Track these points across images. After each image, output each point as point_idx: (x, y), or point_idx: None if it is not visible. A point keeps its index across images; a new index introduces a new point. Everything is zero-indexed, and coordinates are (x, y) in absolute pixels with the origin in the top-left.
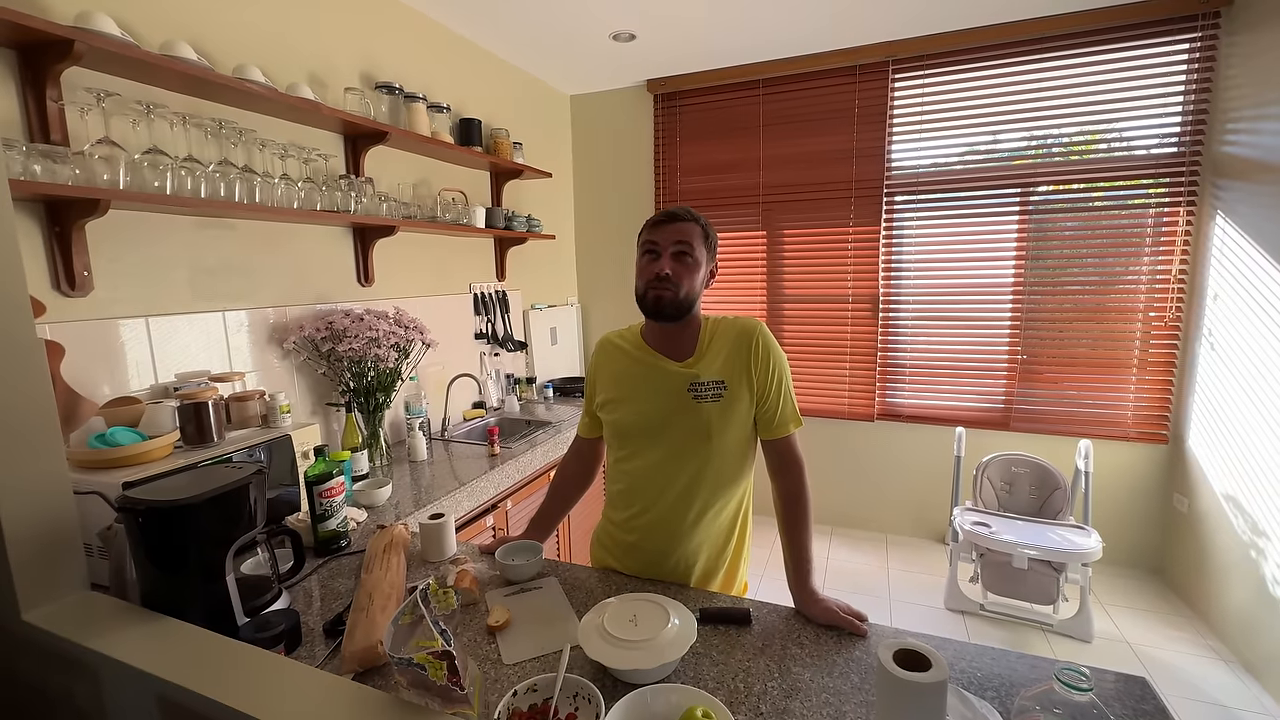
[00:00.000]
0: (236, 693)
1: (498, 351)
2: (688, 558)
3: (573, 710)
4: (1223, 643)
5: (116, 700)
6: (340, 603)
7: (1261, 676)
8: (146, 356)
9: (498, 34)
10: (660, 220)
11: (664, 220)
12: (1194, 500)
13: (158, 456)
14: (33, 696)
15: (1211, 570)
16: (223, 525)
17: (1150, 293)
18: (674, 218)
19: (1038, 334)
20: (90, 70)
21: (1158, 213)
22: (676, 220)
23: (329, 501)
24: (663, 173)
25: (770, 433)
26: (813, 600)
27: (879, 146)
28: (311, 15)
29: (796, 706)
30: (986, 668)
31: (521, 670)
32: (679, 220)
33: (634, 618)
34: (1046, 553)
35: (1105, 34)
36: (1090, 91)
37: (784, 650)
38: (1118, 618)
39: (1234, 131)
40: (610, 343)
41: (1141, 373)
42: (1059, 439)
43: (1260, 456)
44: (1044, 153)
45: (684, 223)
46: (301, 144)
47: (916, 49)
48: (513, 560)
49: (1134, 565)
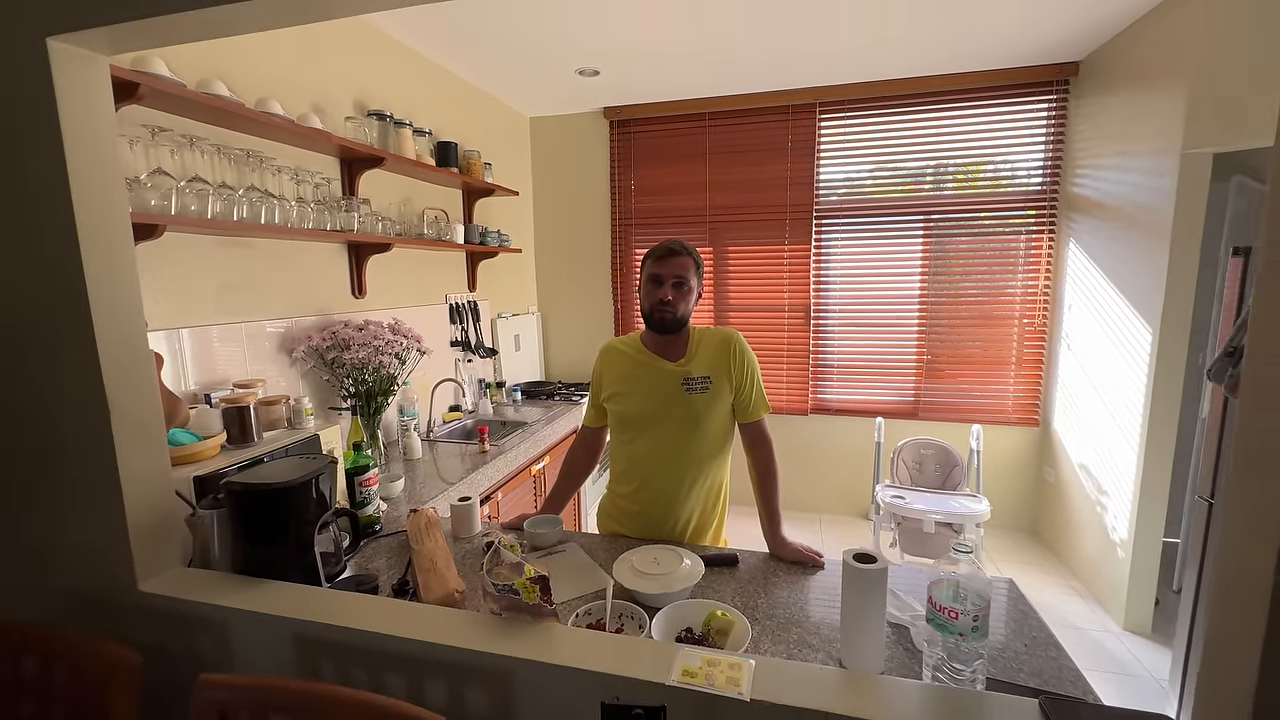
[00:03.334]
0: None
1: (471, 358)
2: (683, 520)
3: (619, 626)
4: (1080, 582)
5: (247, 648)
6: (392, 573)
7: (1106, 605)
8: (179, 365)
9: (474, 64)
10: (663, 255)
11: (666, 255)
12: (1058, 471)
13: (209, 455)
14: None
15: (1071, 525)
16: (309, 505)
17: (1023, 302)
18: (674, 253)
19: (939, 337)
20: (144, 108)
21: (1029, 237)
22: (676, 255)
23: (367, 490)
24: (618, 192)
25: (746, 417)
26: (783, 544)
27: (809, 175)
28: (315, 51)
29: (779, 611)
30: (909, 579)
31: (568, 608)
32: (678, 255)
33: (656, 559)
34: (949, 516)
35: (988, 91)
36: (977, 135)
37: (766, 580)
38: (1003, 567)
39: (1081, 174)
40: (614, 348)
41: (1018, 369)
42: (957, 424)
43: (1101, 433)
44: (941, 184)
45: (681, 257)
46: (306, 168)
47: (840, 94)
48: (539, 530)
49: (1015, 527)
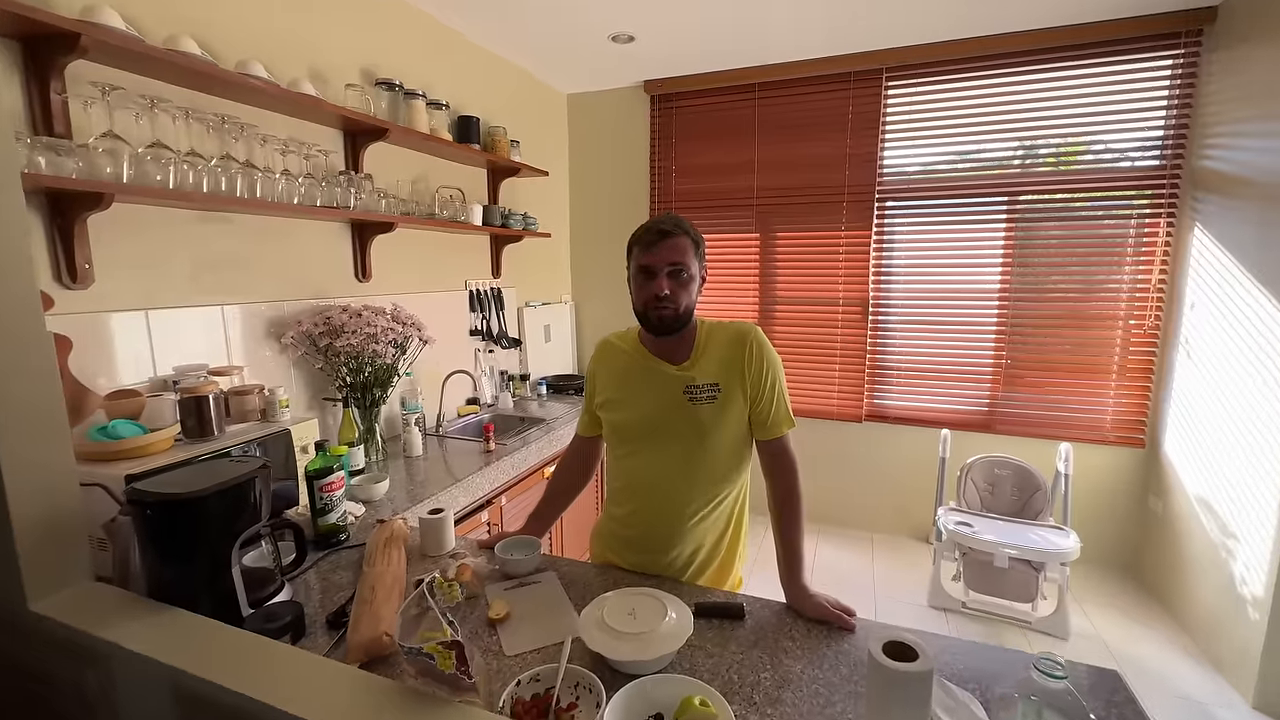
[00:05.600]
0: (251, 682)
1: (492, 348)
2: (685, 553)
3: (574, 699)
4: (1192, 640)
5: (128, 690)
6: (342, 595)
7: (1227, 672)
8: (146, 349)
9: (497, 31)
10: (652, 240)
11: (655, 239)
12: (1168, 502)
13: (159, 450)
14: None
15: (1183, 570)
16: (229, 518)
17: (1130, 301)
18: (665, 234)
19: (1022, 339)
20: (95, 64)
21: (1139, 223)
22: (669, 237)
23: (329, 496)
24: (658, 174)
25: (764, 433)
26: (804, 596)
27: (871, 152)
28: (314, 11)
29: (789, 696)
30: (968, 661)
31: (523, 661)
32: (671, 236)
33: (633, 611)
34: (1027, 552)
35: (1093, 48)
36: (1077, 103)
37: (776, 644)
38: (1094, 615)
39: (1213, 146)
40: (610, 345)
41: (1121, 378)
42: (1040, 441)
43: (1231, 461)
44: (1031, 161)
45: (675, 238)
46: (302, 139)
47: (909, 58)
48: (512, 555)
49: (1110, 564)
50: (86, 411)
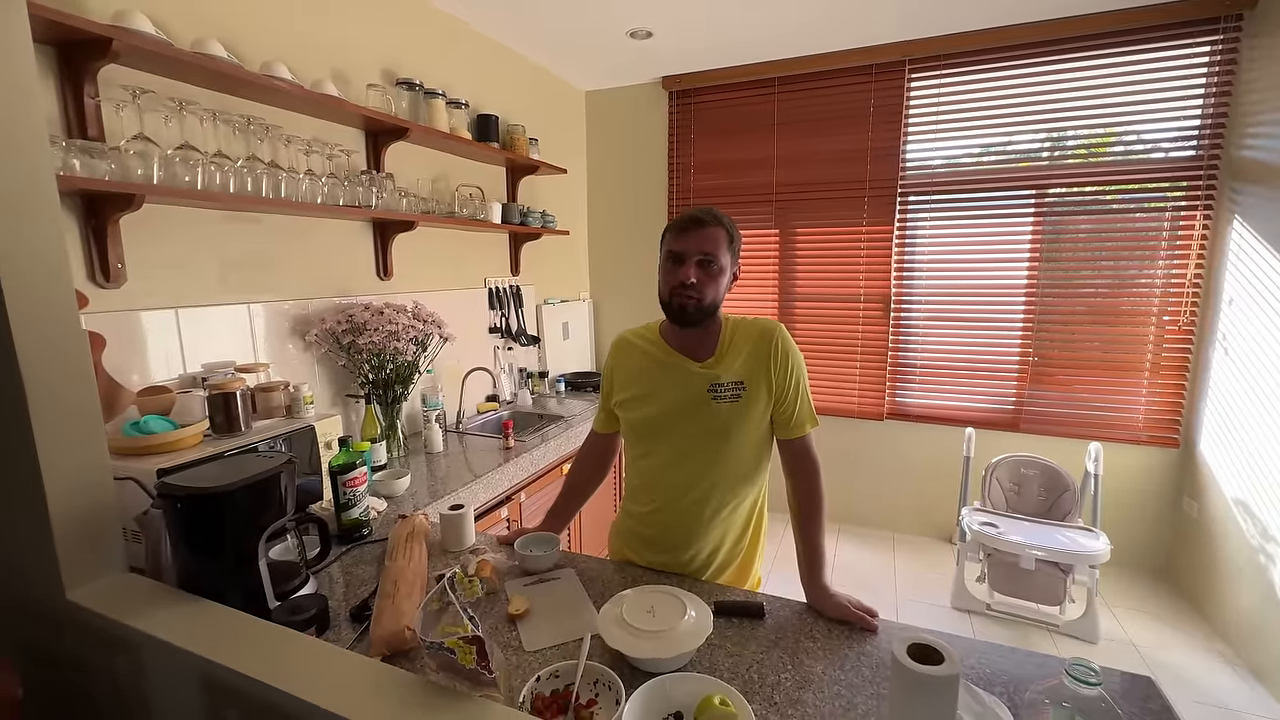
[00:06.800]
0: (277, 673)
1: (511, 346)
2: (704, 552)
3: (594, 696)
4: (1229, 646)
5: (158, 678)
6: (364, 589)
7: (1267, 680)
8: (175, 346)
9: (516, 29)
10: (685, 226)
11: (690, 226)
12: (1204, 504)
13: (189, 444)
14: (74, 674)
15: (1219, 574)
16: (256, 512)
17: (1165, 296)
18: (699, 223)
19: (1050, 335)
20: (126, 68)
21: (1174, 216)
22: (702, 226)
23: (352, 491)
24: (676, 170)
25: (787, 433)
26: (825, 596)
27: (894, 146)
28: (335, 12)
29: (809, 698)
30: (995, 664)
31: (542, 657)
32: (705, 226)
33: (652, 609)
34: (1054, 554)
35: (1124, 36)
36: (1107, 93)
37: (797, 643)
38: (1124, 620)
39: (1254, 135)
40: (628, 341)
41: (1154, 376)
42: (1069, 441)
43: (1273, 462)
44: (1060, 153)
45: (709, 228)
46: (325, 140)
47: (933, 48)
48: (531, 551)
49: (1141, 567)
50: (120, 407)
